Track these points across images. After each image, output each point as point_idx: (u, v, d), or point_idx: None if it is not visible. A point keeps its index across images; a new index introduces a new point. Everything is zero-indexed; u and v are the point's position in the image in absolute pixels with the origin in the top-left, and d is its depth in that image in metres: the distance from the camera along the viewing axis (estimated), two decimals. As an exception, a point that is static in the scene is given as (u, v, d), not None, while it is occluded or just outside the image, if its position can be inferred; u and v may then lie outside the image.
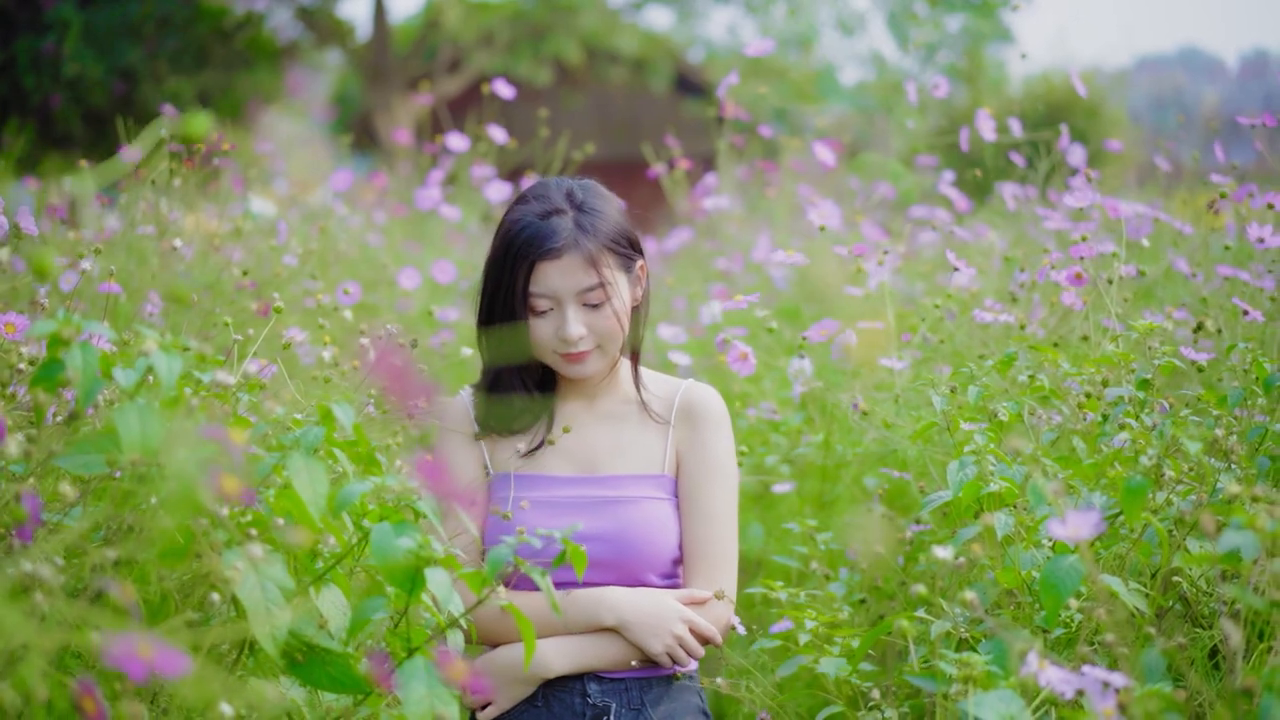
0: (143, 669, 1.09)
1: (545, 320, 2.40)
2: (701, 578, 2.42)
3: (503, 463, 2.48)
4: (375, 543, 1.72)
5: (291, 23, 13.36)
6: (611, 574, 2.39)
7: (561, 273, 2.36)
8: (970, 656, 1.79)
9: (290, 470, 1.74)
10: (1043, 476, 2.06)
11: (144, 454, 1.62)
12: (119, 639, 1.10)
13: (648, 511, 2.43)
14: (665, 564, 2.43)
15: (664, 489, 2.46)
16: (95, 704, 1.18)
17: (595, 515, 2.40)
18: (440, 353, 4.15)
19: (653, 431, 2.50)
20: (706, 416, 2.49)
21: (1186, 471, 2.16)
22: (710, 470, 2.46)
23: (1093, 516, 1.53)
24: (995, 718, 1.69)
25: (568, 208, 2.40)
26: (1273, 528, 1.47)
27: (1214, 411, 2.29)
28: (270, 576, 1.66)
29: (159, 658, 1.10)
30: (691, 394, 2.52)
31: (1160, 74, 43.06)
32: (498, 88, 5.32)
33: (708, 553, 2.43)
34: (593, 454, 2.48)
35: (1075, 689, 1.62)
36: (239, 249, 4.17)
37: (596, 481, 2.45)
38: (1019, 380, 2.53)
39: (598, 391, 2.53)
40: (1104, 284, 2.84)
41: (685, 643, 2.35)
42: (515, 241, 2.38)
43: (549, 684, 2.37)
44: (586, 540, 2.35)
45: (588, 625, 2.36)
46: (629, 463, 2.47)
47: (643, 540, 2.40)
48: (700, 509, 2.44)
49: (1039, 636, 2.04)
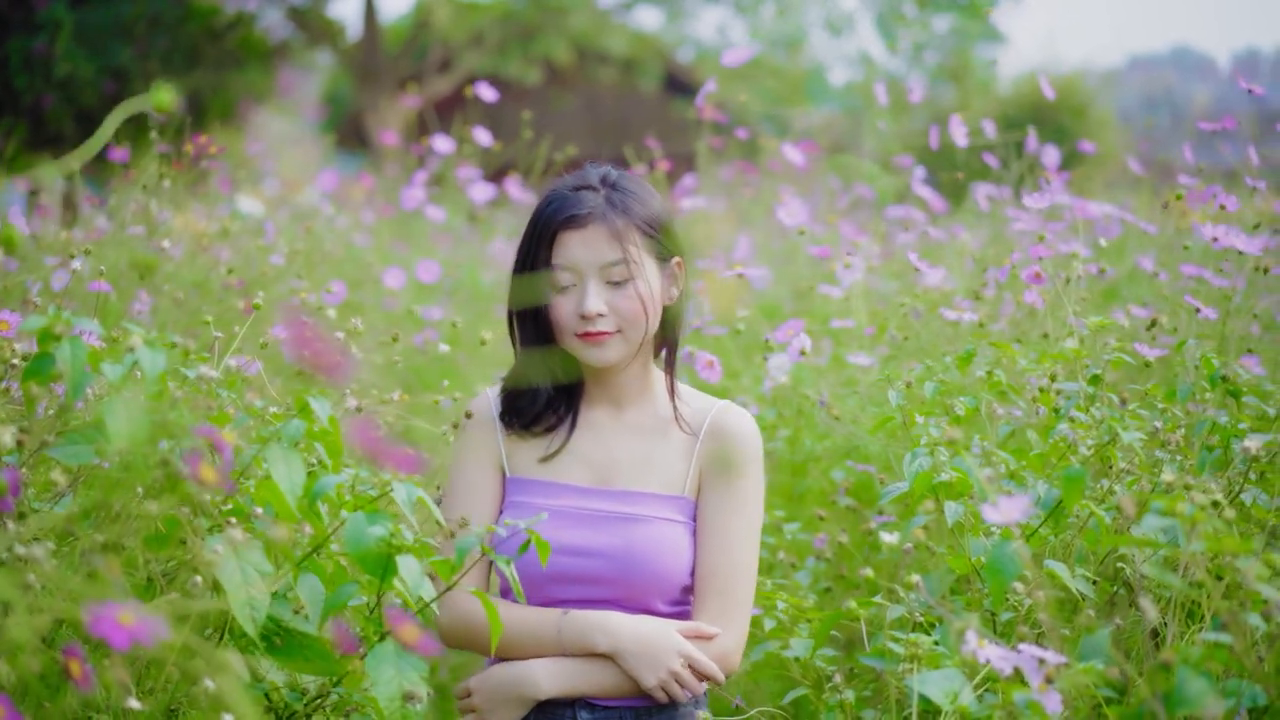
0: (125, 637, 1.18)
1: (566, 298, 2.31)
2: (711, 610, 2.30)
3: (521, 465, 2.39)
4: (348, 531, 1.81)
5: (282, 23, 13.41)
6: (613, 593, 2.30)
7: (584, 243, 2.29)
8: (917, 637, 1.89)
9: (269, 462, 1.83)
10: (988, 466, 2.16)
11: (130, 444, 1.71)
12: (102, 607, 1.19)
13: (660, 533, 2.31)
14: (673, 590, 2.32)
15: (682, 512, 2.34)
16: (81, 667, 1.27)
17: (603, 530, 2.31)
18: (423, 350, 4.23)
19: (678, 450, 2.37)
20: (737, 440, 2.36)
21: (1140, 462, 2.26)
22: (732, 499, 2.33)
23: (1022, 502, 1.62)
24: (939, 694, 1.79)
25: (600, 186, 2.34)
26: (1191, 512, 1.56)
27: (1159, 405, 2.39)
28: (249, 560, 1.74)
29: (139, 626, 1.18)
30: (725, 416, 2.39)
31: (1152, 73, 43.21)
32: (480, 91, 5.40)
33: (720, 585, 2.30)
34: (612, 466, 2.37)
35: (1013, 665, 1.72)
36: (226, 249, 4.26)
37: (611, 495, 2.34)
38: (977, 376, 2.63)
39: (627, 401, 2.41)
40: (1062, 283, 2.93)
41: (682, 679, 2.24)
42: (542, 213, 2.32)
43: (540, 708, 2.28)
44: (590, 555, 2.29)
45: (582, 648, 2.26)
46: (648, 480, 2.35)
47: (650, 562, 2.29)
48: (718, 538, 2.31)
49: (989, 621, 2.13)
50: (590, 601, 2.30)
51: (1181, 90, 36.59)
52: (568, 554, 2.28)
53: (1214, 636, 1.58)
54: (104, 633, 1.18)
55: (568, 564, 2.29)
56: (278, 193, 6.43)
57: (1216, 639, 1.58)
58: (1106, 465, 2.28)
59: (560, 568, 2.28)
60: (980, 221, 5.15)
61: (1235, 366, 2.51)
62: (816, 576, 2.97)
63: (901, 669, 1.87)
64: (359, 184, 6.76)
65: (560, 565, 2.28)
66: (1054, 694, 1.67)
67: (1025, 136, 4.63)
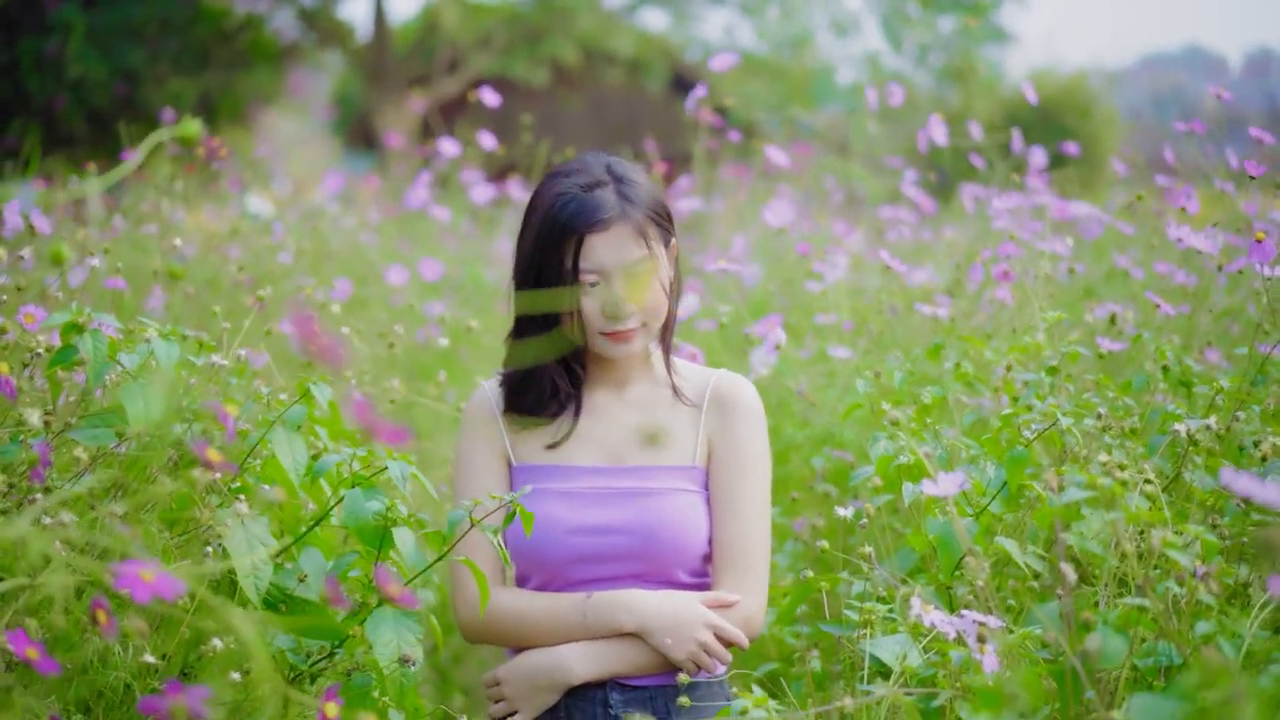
0: (146, 591, 1.34)
1: (589, 298, 2.28)
2: (731, 576, 2.30)
3: (527, 454, 2.37)
4: (347, 506, 1.97)
5: (292, 24, 13.54)
6: (636, 568, 2.30)
7: (609, 245, 2.26)
8: (872, 605, 2.04)
9: (273, 443, 2.00)
10: (940, 448, 2.31)
11: (146, 427, 1.88)
12: (125, 565, 1.34)
13: (676, 504, 2.31)
14: (694, 560, 2.33)
15: (694, 481, 2.34)
16: (107, 617, 1.43)
17: (620, 507, 2.31)
18: (425, 345, 4.39)
19: (684, 420, 2.38)
20: (740, 406, 2.37)
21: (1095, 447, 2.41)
22: (742, 463, 2.34)
23: (958, 477, 1.78)
24: (889, 656, 1.95)
25: (609, 179, 2.31)
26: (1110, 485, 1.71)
27: (1110, 393, 2.54)
28: (255, 532, 1.90)
29: (160, 582, 1.34)
30: (725, 383, 2.40)
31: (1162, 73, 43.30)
32: (484, 94, 5.55)
33: (738, 550, 2.30)
34: (620, 443, 2.37)
35: (956, 630, 1.87)
36: (236, 247, 4.43)
37: (623, 472, 2.34)
38: (945, 367, 2.79)
39: (628, 378, 2.41)
40: (1031, 280, 3.09)
41: (711, 648, 2.23)
42: (560, 215, 2.27)
43: (571, 693, 2.27)
44: (610, 533, 2.29)
45: (608, 629, 2.26)
46: (658, 453, 2.35)
47: (670, 534, 2.29)
48: (731, 504, 2.32)
49: (945, 594, 2.29)
50: (614, 579, 2.30)
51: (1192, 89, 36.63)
52: (588, 533, 2.29)
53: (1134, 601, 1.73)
54: (128, 587, 1.34)
55: (589, 543, 2.29)
56: (289, 193, 6.60)
57: (1138, 603, 1.74)
58: (1061, 451, 2.43)
59: (582, 548, 2.29)
60: (969, 221, 5.30)
61: (1187, 359, 2.66)
62: (795, 559, 3.13)
63: (858, 635, 2.03)
64: (366, 184, 6.93)
65: (582, 546, 2.29)
66: (992, 655, 1.82)
67: (1010, 140, 4.78)
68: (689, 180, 5.93)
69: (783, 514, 3.24)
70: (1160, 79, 40.08)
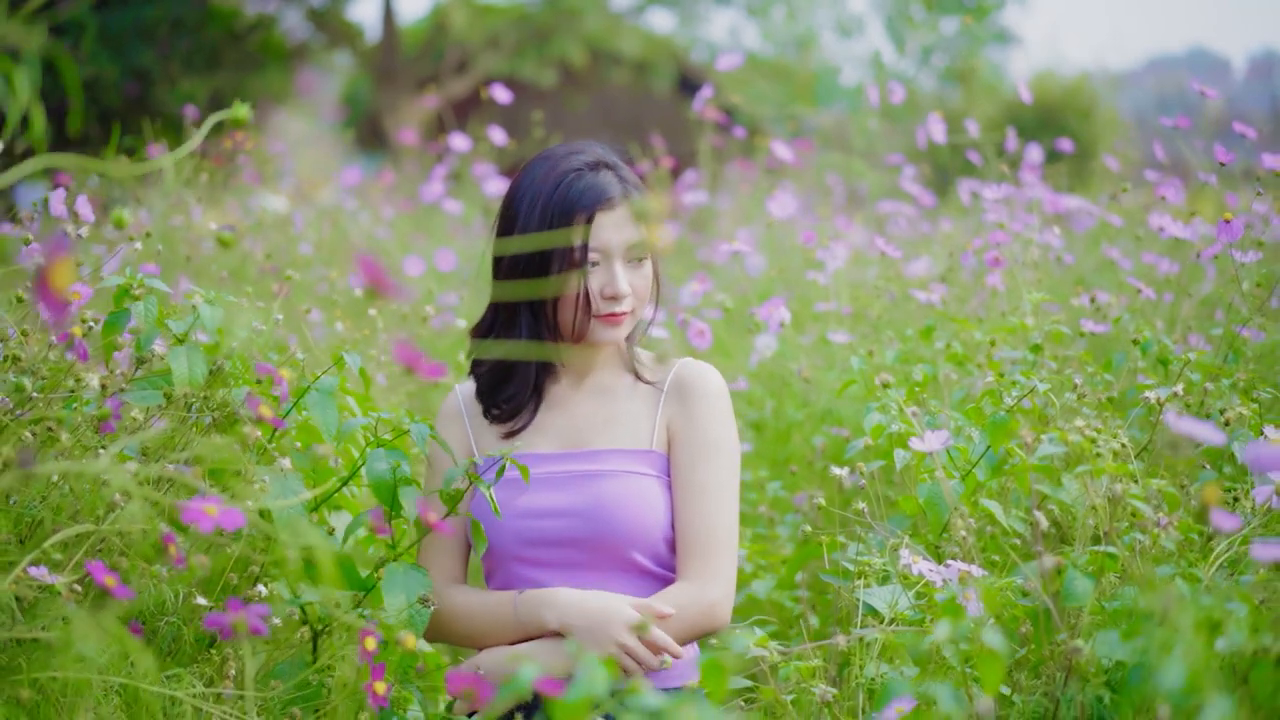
0: (210, 523, 1.50)
1: (591, 278, 2.28)
2: (692, 562, 2.26)
3: (487, 445, 2.38)
4: (368, 465, 2.14)
5: (302, 25, 13.68)
6: (589, 555, 2.28)
7: (614, 225, 2.27)
8: (867, 557, 2.20)
9: (309, 406, 2.16)
10: (925, 413, 2.48)
11: (192, 387, 2.04)
12: (192, 501, 1.51)
13: (629, 486, 2.28)
14: (653, 544, 2.29)
15: (652, 465, 2.31)
16: (176, 549, 1.60)
17: (573, 490, 2.29)
18: (441, 332, 4.54)
19: (642, 405, 2.36)
20: (699, 390, 2.34)
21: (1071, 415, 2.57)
22: (703, 446, 2.30)
23: (943, 435, 1.94)
24: (882, 604, 2.11)
25: (606, 162, 2.32)
26: (1078, 440, 1.87)
27: (1089, 369, 2.71)
28: (292, 488, 2.07)
29: (223, 515, 1.50)
30: (687, 369, 2.38)
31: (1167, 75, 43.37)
32: (495, 92, 5.71)
33: (700, 536, 2.26)
34: (579, 429, 2.36)
35: (942, 579, 2.03)
36: (259, 240, 4.60)
37: (578, 456, 2.32)
38: (937, 347, 2.95)
39: (591, 368, 2.40)
40: (1019, 267, 3.25)
41: (633, 651, 2.16)
42: (570, 193, 2.26)
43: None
44: (562, 516, 2.28)
45: (536, 626, 2.24)
46: (615, 437, 2.33)
47: (619, 515, 2.26)
48: (691, 487, 2.28)
49: (934, 552, 2.45)
50: (569, 565, 2.28)
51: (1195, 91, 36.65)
52: (536, 516, 2.28)
53: (1102, 548, 1.89)
54: (194, 520, 1.50)
55: (540, 527, 2.28)
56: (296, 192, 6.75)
57: (1104, 550, 1.90)
58: (1043, 421, 2.59)
59: (533, 532, 2.28)
60: (966, 215, 5.46)
61: (1164, 338, 2.82)
62: (795, 529, 3.29)
63: (854, 585, 2.19)
64: (379, 181, 7.09)
65: (533, 530, 2.28)
66: (975, 600, 1.98)
67: (1005, 138, 4.94)
68: (695, 175, 6.09)
69: (783, 488, 3.41)
70: (1165, 81, 40.17)
